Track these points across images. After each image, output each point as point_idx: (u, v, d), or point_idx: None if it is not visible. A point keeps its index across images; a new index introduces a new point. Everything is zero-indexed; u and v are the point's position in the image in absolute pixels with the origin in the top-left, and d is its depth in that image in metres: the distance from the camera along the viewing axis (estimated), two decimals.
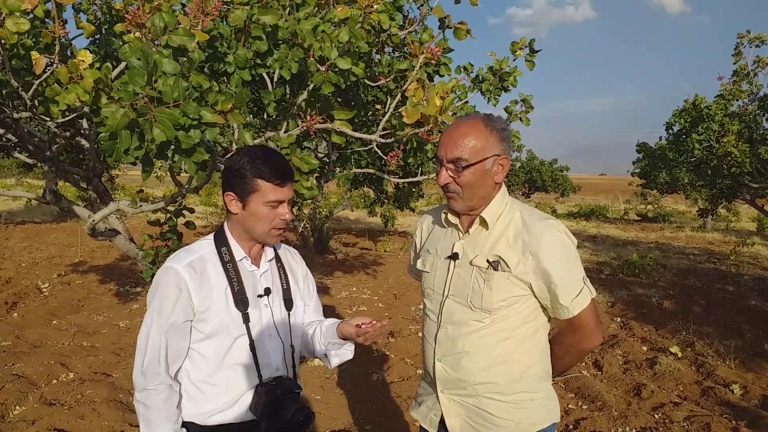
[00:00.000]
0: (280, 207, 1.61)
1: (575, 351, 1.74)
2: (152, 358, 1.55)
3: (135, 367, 1.59)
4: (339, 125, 2.74)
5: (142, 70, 1.71)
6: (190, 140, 1.84)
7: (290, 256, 1.87)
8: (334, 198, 17.65)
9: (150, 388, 1.55)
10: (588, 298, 1.65)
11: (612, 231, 17.67)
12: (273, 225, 1.62)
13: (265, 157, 1.59)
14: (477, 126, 1.64)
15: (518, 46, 3.47)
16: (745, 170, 8.59)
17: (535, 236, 1.62)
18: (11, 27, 1.97)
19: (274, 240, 1.66)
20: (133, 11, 2.06)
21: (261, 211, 1.59)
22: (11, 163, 21.52)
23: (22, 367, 4.38)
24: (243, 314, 1.61)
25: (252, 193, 1.58)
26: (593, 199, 34.91)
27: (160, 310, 1.56)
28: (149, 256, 3.89)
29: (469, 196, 1.66)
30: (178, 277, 1.56)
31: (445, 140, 1.66)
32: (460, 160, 1.62)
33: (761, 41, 8.60)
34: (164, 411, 1.56)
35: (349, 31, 2.40)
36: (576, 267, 1.65)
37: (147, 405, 1.56)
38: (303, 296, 1.84)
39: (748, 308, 7.24)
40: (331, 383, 4.34)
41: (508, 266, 1.62)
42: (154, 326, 1.56)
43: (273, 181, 1.57)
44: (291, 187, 1.63)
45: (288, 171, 1.62)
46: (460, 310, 1.70)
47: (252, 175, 1.57)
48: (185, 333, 1.59)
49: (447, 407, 1.75)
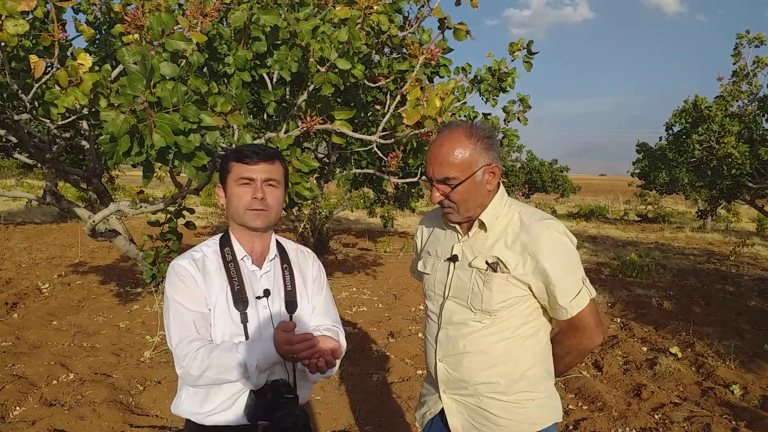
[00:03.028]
0: (252, 185, 1.61)
1: (576, 351, 1.74)
2: (182, 334, 1.55)
3: (174, 352, 1.56)
4: (339, 125, 2.75)
5: (140, 75, 1.71)
6: (191, 145, 1.84)
7: (302, 257, 1.83)
8: (334, 198, 17.66)
9: (188, 352, 1.52)
10: (587, 298, 1.65)
11: (612, 231, 17.66)
12: (247, 205, 1.61)
13: (245, 145, 1.64)
14: (460, 140, 1.61)
15: (516, 47, 3.48)
16: (745, 171, 8.59)
17: (533, 237, 1.62)
18: (10, 29, 1.97)
19: (254, 222, 1.63)
20: (132, 13, 2.07)
21: (235, 192, 1.61)
22: (11, 164, 21.53)
23: (22, 368, 4.38)
24: (242, 314, 1.60)
25: (227, 175, 1.64)
26: (593, 199, 34.90)
27: (174, 294, 1.59)
28: (149, 256, 3.89)
29: (465, 209, 1.66)
30: (184, 270, 1.61)
31: (432, 159, 1.64)
32: (449, 179, 1.61)
33: (760, 41, 8.61)
34: (223, 348, 1.51)
35: (349, 32, 2.40)
36: (575, 267, 1.65)
37: (210, 365, 1.50)
38: (311, 298, 1.78)
39: (748, 309, 7.24)
40: (331, 383, 4.34)
41: (506, 268, 1.63)
42: (171, 309, 1.58)
43: (243, 159, 1.60)
44: (267, 167, 1.62)
45: (265, 153, 1.62)
46: (460, 311, 1.70)
47: (228, 159, 1.64)
48: (202, 315, 1.59)
49: (449, 407, 1.76)
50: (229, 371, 1.51)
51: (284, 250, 1.78)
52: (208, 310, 1.59)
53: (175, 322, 1.58)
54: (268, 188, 1.63)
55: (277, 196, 1.65)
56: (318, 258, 1.90)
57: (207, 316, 1.59)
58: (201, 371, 1.51)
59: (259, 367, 1.51)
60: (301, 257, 1.82)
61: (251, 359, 1.50)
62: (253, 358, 1.50)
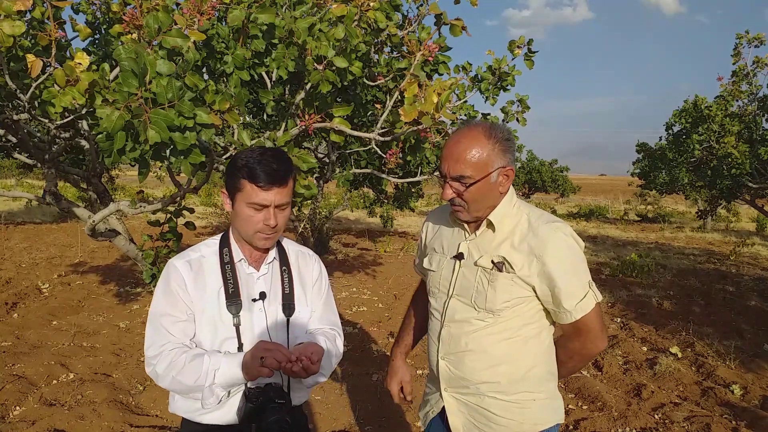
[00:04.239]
0: (265, 211, 1.54)
1: (579, 356, 1.73)
2: (157, 336, 1.56)
3: (146, 353, 1.57)
4: (338, 123, 2.74)
5: (134, 72, 1.71)
6: (187, 141, 1.84)
7: (303, 259, 1.78)
8: (333, 198, 17.66)
9: (160, 352, 1.53)
10: (592, 302, 1.64)
11: (612, 231, 17.66)
12: (257, 229, 1.56)
13: (259, 158, 1.52)
14: (479, 139, 1.59)
15: (516, 45, 3.48)
16: (744, 171, 8.58)
17: (540, 239, 1.61)
18: (7, 29, 1.97)
19: (262, 244, 1.60)
20: (131, 12, 2.07)
21: (244, 212, 1.55)
22: (11, 164, 21.54)
23: (22, 368, 4.38)
24: (234, 317, 1.58)
25: (237, 192, 1.55)
26: (593, 199, 34.90)
27: (161, 296, 1.59)
28: (149, 256, 3.89)
29: (475, 209, 1.65)
30: (176, 273, 1.59)
31: (448, 155, 1.62)
32: (464, 177, 1.59)
33: (760, 41, 8.60)
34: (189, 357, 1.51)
35: (345, 29, 2.40)
36: (581, 271, 1.64)
37: (171, 364, 1.50)
38: (310, 302, 1.74)
39: (748, 308, 7.23)
40: (332, 384, 4.34)
41: (512, 268, 1.62)
42: (153, 310, 1.59)
43: (256, 182, 1.50)
44: (280, 192, 1.53)
45: (278, 176, 1.51)
46: (463, 310, 1.70)
47: (239, 174, 1.53)
48: (182, 323, 1.58)
49: (450, 405, 1.75)
50: (186, 376, 1.49)
51: (284, 252, 1.75)
52: (190, 316, 1.58)
53: (151, 327, 1.58)
54: (279, 212, 1.57)
55: (286, 216, 1.61)
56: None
57: (187, 323, 1.58)
58: (165, 370, 1.51)
59: (217, 383, 1.50)
60: (302, 259, 1.78)
61: (210, 371, 1.49)
62: (212, 371, 1.49)
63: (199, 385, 1.49)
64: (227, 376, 1.50)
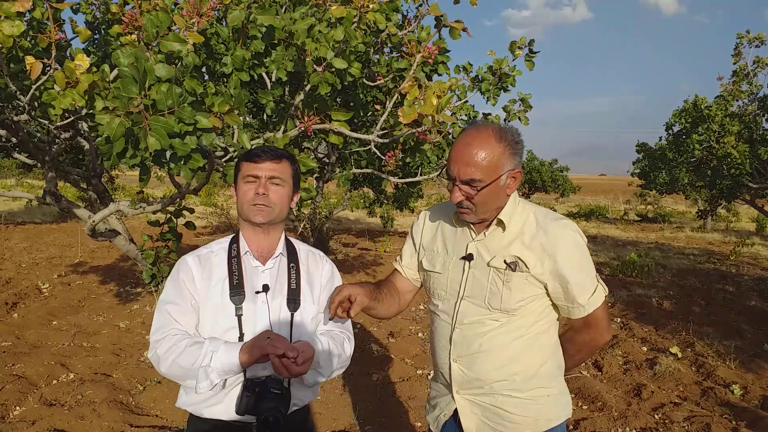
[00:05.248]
0: (257, 182, 1.66)
1: (587, 348, 1.77)
2: (161, 321, 1.64)
3: (150, 339, 1.65)
4: (337, 125, 2.75)
5: (134, 78, 1.71)
6: (186, 147, 1.84)
7: (313, 259, 1.84)
8: (333, 198, 17.66)
9: (164, 336, 1.60)
10: (602, 295, 1.69)
11: (612, 231, 17.65)
12: (250, 200, 1.66)
13: (257, 147, 1.71)
14: (489, 142, 1.57)
15: (517, 46, 3.48)
16: (744, 171, 8.58)
17: (551, 237, 1.62)
18: (6, 30, 1.97)
19: (255, 217, 1.67)
20: (130, 13, 2.06)
21: (241, 188, 1.69)
22: (11, 164, 21.54)
23: (22, 368, 4.38)
24: (237, 307, 1.64)
25: (237, 175, 1.72)
26: (593, 199, 34.88)
27: (171, 287, 1.68)
28: (149, 256, 3.90)
29: (483, 211, 1.64)
30: (186, 266, 1.69)
31: (457, 158, 1.59)
32: (474, 181, 1.57)
33: (761, 41, 8.60)
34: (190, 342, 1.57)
35: (345, 31, 2.40)
36: (589, 266, 1.68)
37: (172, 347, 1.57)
38: (316, 301, 1.77)
39: (748, 308, 7.23)
40: (332, 383, 4.34)
41: (527, 267, 1.62)
42: (162, 300, 1.67)
43: (251, 159, 1.67)
44: (273, 166, 1.67)
45: (270, 151, 1.68)
46: (475, 311, 1.69)
47: (240, 160, 1.72)
48: (188, 312, 1.66)
49: (463, 407, 1.74)
50: (185, 359, 1.55)
51: (294, 251, 1.80)
52: (195, 306, 1.65)
53: (158, 314, 1.66)
54: (273, 186, 1.67)
55: (282, 195, 1.69)
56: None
57: (193, 313, 1.65)
58: (166, 353, 1.57)
59: (213, 366, 1.54)
60: (312, 259, 1.83)
61: (208, 353, 1.54)
62: (209, 353, 1.55)
63: (196, 368, 1.54)
64: (224, 360, 1.54)
